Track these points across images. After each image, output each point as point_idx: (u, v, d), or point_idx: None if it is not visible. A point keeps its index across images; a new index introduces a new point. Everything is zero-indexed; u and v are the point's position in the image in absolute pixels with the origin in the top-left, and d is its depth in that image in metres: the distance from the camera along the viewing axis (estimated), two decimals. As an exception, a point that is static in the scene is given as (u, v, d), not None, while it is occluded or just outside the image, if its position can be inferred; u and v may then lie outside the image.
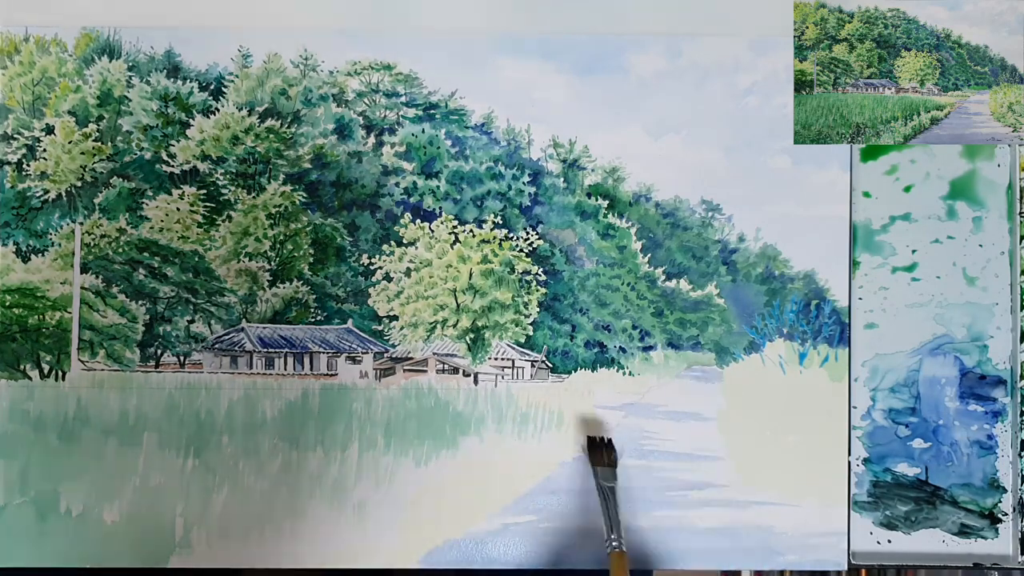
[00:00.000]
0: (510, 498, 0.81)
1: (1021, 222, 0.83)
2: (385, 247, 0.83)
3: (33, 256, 0.81)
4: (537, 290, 0.84)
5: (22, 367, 0.80)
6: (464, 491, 0.81)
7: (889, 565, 0.82)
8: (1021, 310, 0.83)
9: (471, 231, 0.84)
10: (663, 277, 0.84)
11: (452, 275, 0.83)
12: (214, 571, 0.79)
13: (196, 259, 0.82)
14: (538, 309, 0.84)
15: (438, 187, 0.83)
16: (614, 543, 0.74)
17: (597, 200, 0.84)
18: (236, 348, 0.82)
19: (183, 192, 0.82)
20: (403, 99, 0.83)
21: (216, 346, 0.82)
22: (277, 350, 0.82)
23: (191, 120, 0.82)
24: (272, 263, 0.83)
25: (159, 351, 0.82)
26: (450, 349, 0.83)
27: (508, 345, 0.83)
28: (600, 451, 0.80)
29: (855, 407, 0.83)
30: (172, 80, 0.82)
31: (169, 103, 0.82)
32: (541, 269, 0.84)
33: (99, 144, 0.82)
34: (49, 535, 0.79)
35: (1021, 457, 0.83)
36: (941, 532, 0.82)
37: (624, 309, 0.84)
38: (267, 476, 0.80)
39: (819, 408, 0.83)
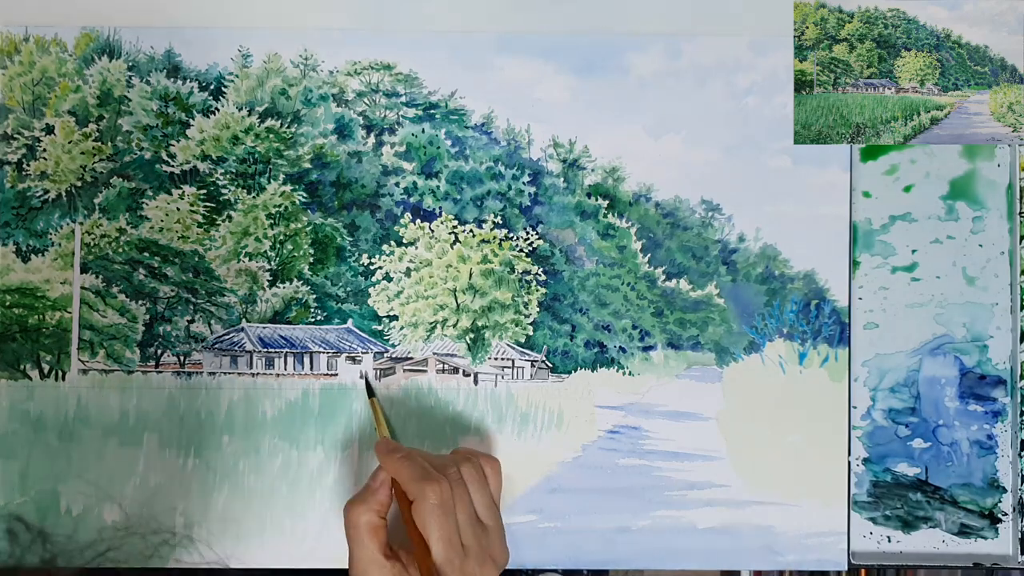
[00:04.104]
0: (509, 498, 0.81)
1: (1021, 222, 0.84)
2: (385, 247, 0.83)
3: (33, 256, 0.81)
4: (537, 290, 0.84)
5: (22, 367, 0.80)
6: (464, 491, 0.81)
7: (889, 565, 0.82)
8: (1021, 310, 0.83)
9: (471, 231, 0.84)
10: (663, 277, 0.84)
11: (452, 275, 0.83)
12: (214, 571, 0.79)
13: (196, 259, 0.82)
14: (538, 309, 0.84)
15: (438, 187, 0.83)
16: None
17: (597, 200, 0.84)
18: (236, 348, 0.82)
19: (183, 192, 0.82)
20: (403, 99, 0.83)
21: (216, 346, 0.82)
22: (277, 350, 0.82)
23: (191, 120, 0.82)
24: (272, 263, 0.83)
25: (159, 351, 0.82)
26: (450, 349, 0.83)
27: (508, 345, 0.83)
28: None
29: (855, 407, 0.83)
30: (172, 80, 0.82)
31: (169, 103, 0.82)
32: (541, 269, 0.84)
33: (99, 144, 0.82)
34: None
35: (1021, 457, 0.83)
36: (941, 532, 0.82)
37: (624, 309, 0.84)
38: (267, 476, 0.80)
39: (819, 408, 0.83)
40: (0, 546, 0.71)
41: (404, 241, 0.83)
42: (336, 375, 0.82)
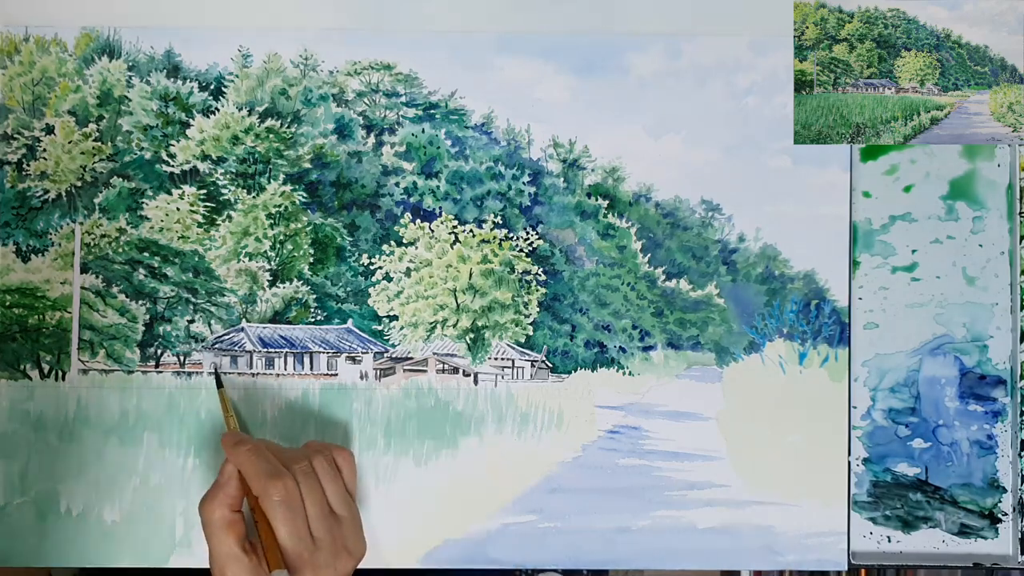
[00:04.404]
0: (510, 498, 0.81)
1: (1021, 222, 0.84)
2: (385, 247, 0.83)
3: (33, 256, 0.81)
4: (537, 290, 0.84)
5: (22, 367, 0.80)
6: (464, 491, 0.81)
7: (889, 565, 0.82)
8: (1021, 310, 0.83)
9: (471, 231, 0.84)
10: (663, 277, 0.84)
11: (452, 275, 0.83)
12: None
13: (196, 259, 0.82)
14: (538, 309, 0.84)
15: (438, 187, 0.83)
16: None
17: (597, 200, 0.84)
18: (236, 348, 0.82)
19: (183, 192, 0.82)
20: (403, 99, 0.83)
21: (216, 346, 0.82)
22: (277, 350, 0.82)
23: (191, 120, 0.82)
24: (272, 263, 0.83)
25: (159, 351, 0.82)
26: (450, 349, 0.83)
27: (508, 345, 0.83)
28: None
29: (855, 407, 0.83)
30: (172, 80, 0.82)
31: (169, 103, 0.82)
32: (541, 269, 0.84)
33: (99, 144, 0.82)
34: (49, 535, 0.79)
35: (1021, 457, 0.83)
36: (941, 532, 0.82)
37: (624, 309, 0.84)
38: (267, 476, 0.80)
39: (819, 408, 0.83)
40: None
41: (404, 241, 0.83)
42: (336, 375, 0.82)
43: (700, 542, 0.82)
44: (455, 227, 0.83)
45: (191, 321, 0.82)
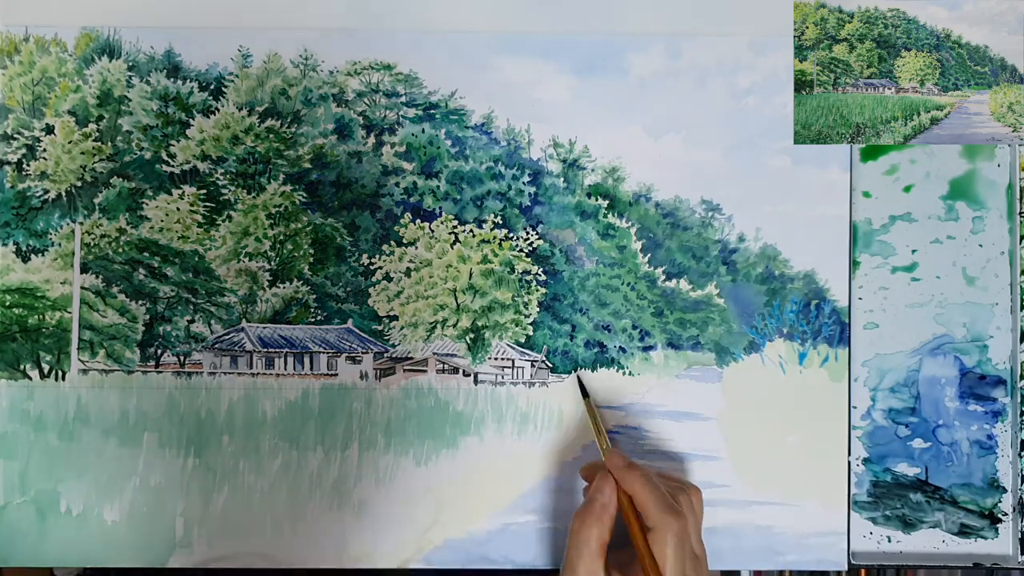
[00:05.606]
0: (510, 498, 0.81)
1: (1021, 222, 0.84)
2: (385, 247, 0.83)
3: (33, 256, 0.81)
4: (537, 290, 0.84)
5: (22, 367, 0.80)
6: (464, 491, 0.81)
7: (889, 565, 0.82)
8: (1021, 310, 0.83)
9: (471, 231, 0.84)
10: (663, 277, 0.84)
11: (452, 275, 0.83)
12: (214, 571, 0.79)
13: (196, 259, 0.82)
14: (538, 309, 0.84)
15: (438, 187, 0.83)
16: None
17: (597, 200, 0.84)
18: (236, 348, 0.82)
19: (183, 192, 0.82)
20: (403, 99, 0.83)
21: (216, 346, 0.82)
22: (277, 350, 0.82)
23: (191, 120, 0.82)
24: (272, 263, 0.83)
25: (159, 351, 0.82)
26: (450, 349, 0.83)
27: (508, 345, 0.83)
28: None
29: (855, 407, 0.83)
30: (172, 80, 0.82)
31: (169, 103, 0.82)
32: (541, 269, 0.84)
33: (99, 144, 0.82)
34: (49, 535, 0.79)
35: (1021, 457, 0.83)
36: (941, 532, 0.82)
37: (624, 309, 0.84)
38: (267, 476, 0.80)
39: (819, 408, 0.83)
40: None
41: (404, 241, 0.83)
42: (336, 375, 0.82)
43: (700, 542, 0.82)
44: (455, 227, 0.83)
45: (191, 321, 0.82)
